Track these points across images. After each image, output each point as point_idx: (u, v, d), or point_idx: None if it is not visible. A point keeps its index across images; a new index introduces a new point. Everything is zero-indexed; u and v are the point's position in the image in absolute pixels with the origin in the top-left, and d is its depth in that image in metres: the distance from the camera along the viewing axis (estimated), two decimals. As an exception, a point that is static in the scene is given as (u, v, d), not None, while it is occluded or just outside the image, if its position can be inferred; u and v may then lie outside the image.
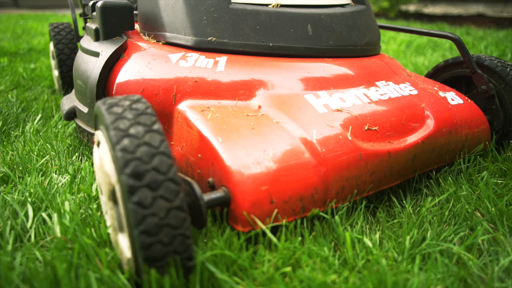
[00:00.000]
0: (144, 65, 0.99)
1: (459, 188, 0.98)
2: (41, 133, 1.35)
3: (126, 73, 1.00)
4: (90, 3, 1.28)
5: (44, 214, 0.89)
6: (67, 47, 1.68)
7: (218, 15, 1.00)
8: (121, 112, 0.66)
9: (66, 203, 0.84)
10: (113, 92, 1.02)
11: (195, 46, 1.01)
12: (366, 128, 0.91)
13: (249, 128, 0.83)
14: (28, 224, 0.86)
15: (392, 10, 5.55)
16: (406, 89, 1.08)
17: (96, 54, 1.09)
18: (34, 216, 0.89)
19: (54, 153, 1.18)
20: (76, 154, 1.15)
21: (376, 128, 0.93)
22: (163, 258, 0.61)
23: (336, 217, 0.81)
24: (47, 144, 1.24)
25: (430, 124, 1.02)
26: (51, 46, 1.81)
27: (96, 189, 0.94)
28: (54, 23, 1.78)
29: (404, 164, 0.95)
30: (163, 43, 1.08)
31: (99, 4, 1.09)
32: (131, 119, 0.65)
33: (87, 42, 1.20)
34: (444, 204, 0.94)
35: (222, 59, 0.97)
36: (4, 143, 1.28)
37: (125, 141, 0.61)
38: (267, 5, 1.04)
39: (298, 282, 0.66)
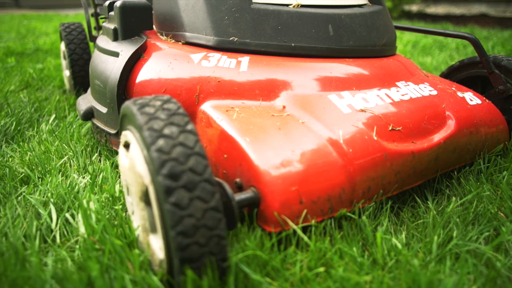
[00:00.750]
0: (166, 65, 0.99)
1: (481, 188, 0.98)
2: (56, 133, 1.34)
3: (147, 73, 1.00)
4: (107, 3, 1.28)
5: (68, 215, 0.89)
6: (79, 47, 1.68)
7: (240, 15, 1.00)
8: (153, 112, 0.66)
9: (91, 203, 0.84)
10: (134, 93, 1.02)
11: (217, 46, 1.00)
12: (390, 128, 0.91)
13: (276, 128, 0.83)
14: (53, 225, 0.86)
15: (395, 10, 5.55)
16: (426, 90, 1.08)
17: (115, 54, 1.08)
18: (57, 217, 0.89)
19: (71, 154, 1.18)
20: (96, 154, 1.15)
21: (400, 128, 0.93)
22: (199, 259, 0.60)
23: (364, 217, 0.81)
24: (64, 145, 1.24)
25: (451, 124, 1.02)
26: (62, 46, 1.81)
27: (120, 189, 0.93)
28: (65, 23, 1.77)
29: (427, 164, 0.95)
30: (182, 43, 1.08)
31: (118, 4, 1.08)
32: (164, 119, 0.64)
33: (104, 42, 1.20)
34: (467, 204, 0.94)
35: (245, 59, 0.97)
36: (20, 143, 1.27)
37: (160, 142, 0.61)
38: (287, 5, 1.04)
39: (332, 283, 0.66)
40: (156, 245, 0.68)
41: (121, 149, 0.81)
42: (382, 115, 0.93)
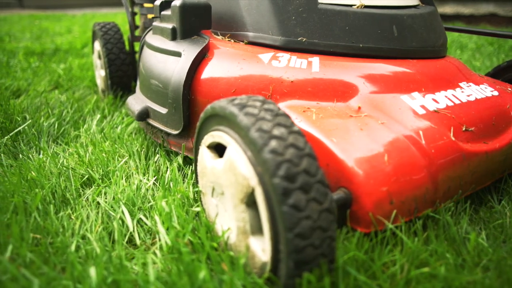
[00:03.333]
0: (234, 65, 0.98)
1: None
2: (104, 133, 1.33)
3: (215, 73, 0.99)
4: (158, 2, 1.27)
5: (142, 216, 0.88)
6: (115, 46, 1.66)
7: (307, 15, 0.99)
8: (257, 113, 0.65)
9: (172, 205, 0.83)
10: (199, 93, 1.01)
11: (284, 46, 1.00)
12: (463, 129, 0.91)
13: (358, 129, 0.83)
14: (130, 227, 0.85)
15: (403, 10, 5.53)
16: (487, 90, 1.08)
17: (176, 54, 1.08)
18: (132, 219, 0.88)
19: (127, 154, 1.17)
20: (157, 155, 1.14)
21: (472, 129, 0.93)
22: (313, 261, 0.60)
23: (447, 217, 0.81)
24: (115, 145, 1.23)
25: (516, 124, 1.02)
26: (97, 45, 1.79)
27: (195, 191, 0.92)
28: (100, 23, 1.76)
29: (497, 164, 0.95)
30: (245, 43, 1.07)
31: (178, 3, 1.07)
32: (270, 120, 0.64)
33: (159, 41, 1.19)
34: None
35: (315, 59, 0.97)
36: (70, 143, 1.26)
37: (273, 143, 0.61)
38: (351, 5, 1.04)
39: (437, 283, 0.65)
40: (258, 247, 0.67)
41: (205, 150, 0.81)
42: (455, 115, 0.93)
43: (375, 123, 0.85)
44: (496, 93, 1.08)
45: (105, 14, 6.36)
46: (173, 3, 1.11)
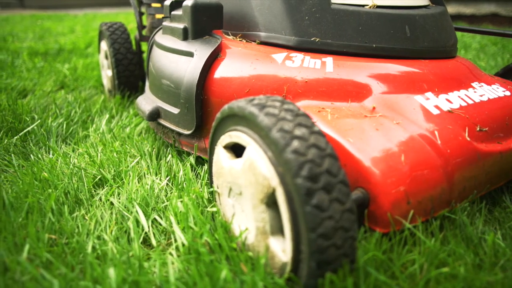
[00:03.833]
0: (248, 65, 0.98)
1: None
2: (114, 133, 1.33)
3: (228, 73, 0.99)
4: (168, 2, 1.27)
5: (157, 217, 0.88)
6: (123, 46, 1.66)
7: (320, 15, 0.99)
8: (278, 113, 0.65)
9: (188, 205, 0.83)
10: (213, 93, 1.01)
11: (297, 46, 1.00)
12: (478, 129, 0.91)
13: (373, 129, 0.83)
14: (146, 228, 0.85)
15: (405, 10, 5.53)
16: (499, 90, 1.08)
17: (188, 54, 1.07)
18: (146, 220, 0.88)
19: (137, 155, 1.16)
20: (169, 155, 1.14)
21: (486, 129, 0.93)
22: (335, 261, 0.60)
23: (464, 217, 0.81)
24: (126, 145, 1.23)
25: (529, 124, 1.02)
26: (103, 45, 1.79)
27: (210, 191, 0.92)
28: (107, 23, 1.75)
29: (511, 165, 0.95)
30: (257, 43, 1.07)
31: (190, 3, 1.07)
32: (291, 120, 0.64)
33: (170, 41, 1.19)
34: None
35: (329, 59, 0.97)
36: (80, 144, 1.26)
37: (295, 143, 0.61)
38: (363, 5, 1.04)
39: (457, 283, 0.65)
40: (278, 248, 0.67)
41: (221, 151, 0.80)
42: (469, 115, 0.93)
43: (390, 123, 0.85)
44: (508, 93, 1.08)
45: (106, 14, 6.36)
46: (184, 3, 1.11)
